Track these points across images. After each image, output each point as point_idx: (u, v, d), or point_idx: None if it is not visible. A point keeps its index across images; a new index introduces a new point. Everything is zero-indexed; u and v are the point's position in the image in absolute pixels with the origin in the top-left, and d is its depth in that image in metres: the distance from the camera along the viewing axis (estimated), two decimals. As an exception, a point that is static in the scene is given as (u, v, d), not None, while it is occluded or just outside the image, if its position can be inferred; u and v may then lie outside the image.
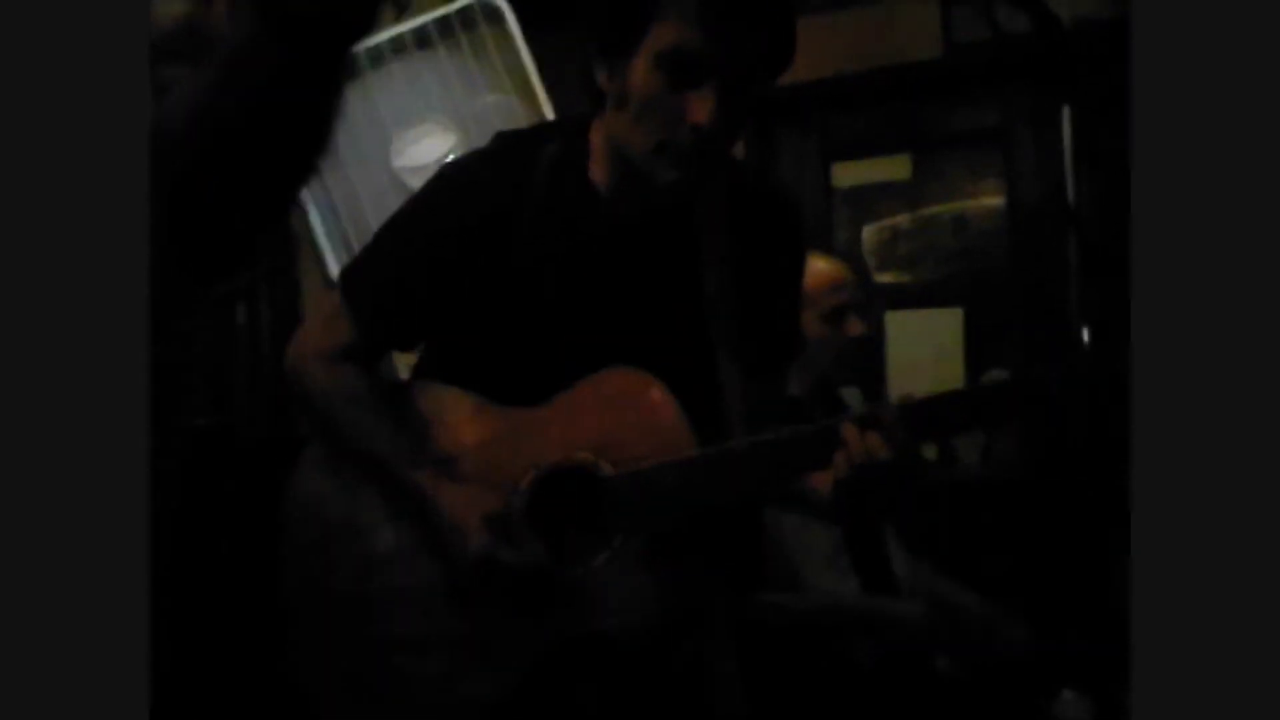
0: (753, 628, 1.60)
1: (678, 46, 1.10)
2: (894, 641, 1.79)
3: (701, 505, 1.18)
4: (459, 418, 1.25)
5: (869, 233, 2.92)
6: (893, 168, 2.88)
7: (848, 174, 2.92)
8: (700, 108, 1.10)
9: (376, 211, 2.00)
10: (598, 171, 1.24)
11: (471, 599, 1.19)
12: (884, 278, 2.90)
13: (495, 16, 2.15)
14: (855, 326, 1.93)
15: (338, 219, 2.09)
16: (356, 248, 1.88)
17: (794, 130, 2.91)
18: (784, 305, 1.35)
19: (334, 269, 2.07)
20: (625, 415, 1.19)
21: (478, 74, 2.14)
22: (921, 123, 2.83)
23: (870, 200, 2.91)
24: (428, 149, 2.10)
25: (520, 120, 2.05)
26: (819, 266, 1.86)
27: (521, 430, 1.22)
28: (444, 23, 2.12)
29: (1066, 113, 2.54)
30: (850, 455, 1.11)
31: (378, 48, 2.10)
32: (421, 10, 2.31)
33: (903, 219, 2.90)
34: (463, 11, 2.13)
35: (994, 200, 2.82)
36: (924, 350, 2.79)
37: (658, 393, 1.19)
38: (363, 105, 2.09)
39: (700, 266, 1.24)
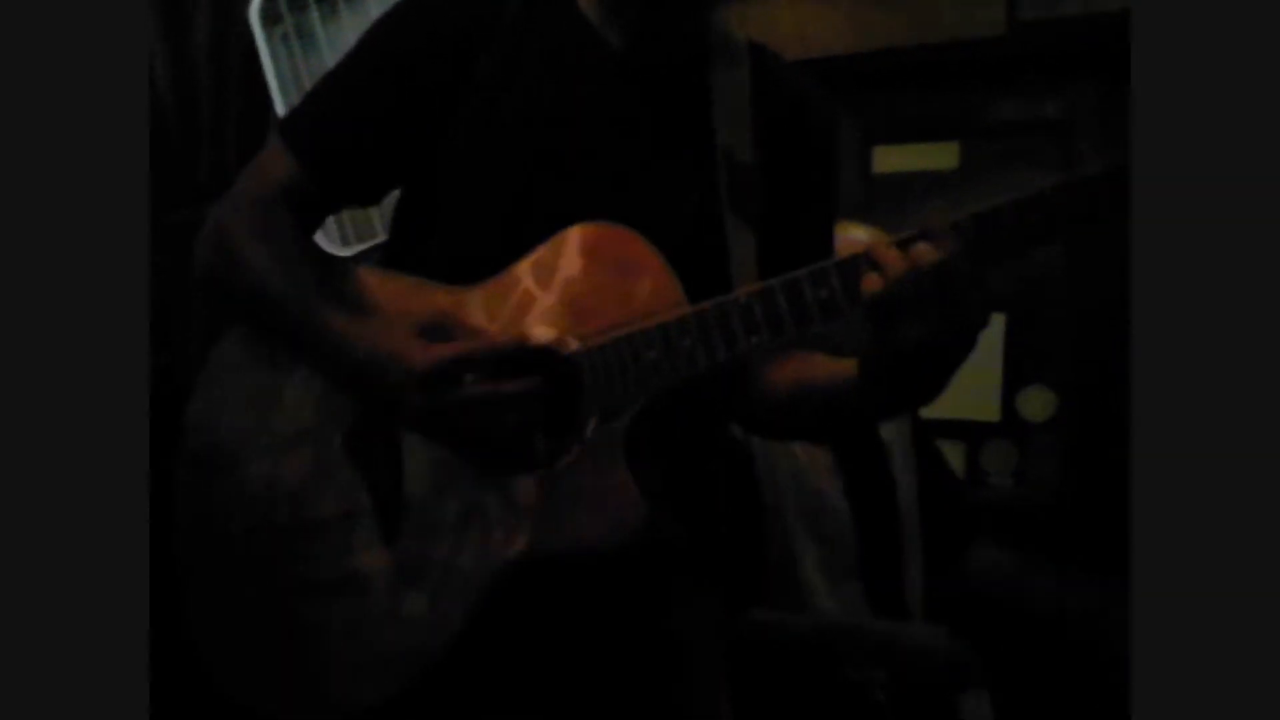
0: (748, 648, 1.41)
1: None
2: (912, 673, 1.56)
3: (691, 372, 0.95)
4: (399, 300, 1.03)
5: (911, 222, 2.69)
6: (939, 155, 2.64)
7: (890, 159, 2.69)
8: None
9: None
10: (587, 2, 1.07)
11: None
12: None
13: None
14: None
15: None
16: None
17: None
18: (811, 200, 1.14)
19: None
20: (599, 280, 0.98)
21: None
22: (975, 108, 2.60)
23: (912, 189, 2.68)
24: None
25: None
26: (857, 235, 1.65)
27: (476, 306, 1.00)
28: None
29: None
30: (887, 273, 0.87)
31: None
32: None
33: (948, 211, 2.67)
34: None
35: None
36: (959, 357, 2.56)
37: (639, 251, 0.98)
38: (357, 25, 1.88)
39: (710, 121, 1.05)
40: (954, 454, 2.57)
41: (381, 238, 1.78)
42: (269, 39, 1.84)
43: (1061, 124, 2.53)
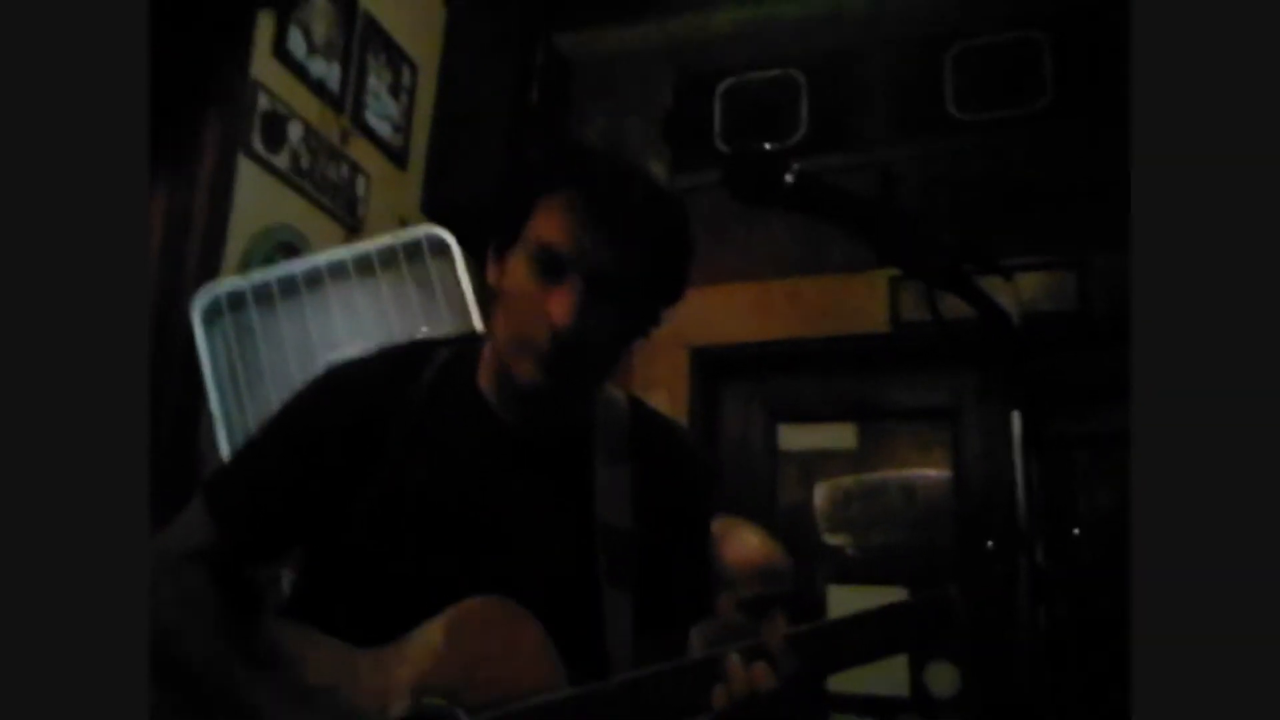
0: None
1: (546, 243, 1.07)
2: None
3: None
4: (311, 657, 1.09)
5: (821, 490, 2.84)
6: (839, 435, 2.83)
7: (795, 437, 2.87)
8: (559, 304, 1.06)
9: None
10: (487, 382, 1.18)
11: None
12: (834, 539, 2.80)
13: (442, 250, 2.14)
14: (777, 628, 1.73)
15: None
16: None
17: (741, 388, 2.88)
18: (686, 560, 1.23)
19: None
20: (486, 650, 1.06)
21: (416, 305, 2.10)
22: (868, 394, 2.81)
23: (817, 464, 2.85)
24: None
25: (451, 354, 1.99)
26: (751, 542, 1.72)
27: (373, 670, 1.07)
28: (388, 252, 2.10)
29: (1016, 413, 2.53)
30: (732, 689, 0.99)
31: (317, 269, 2.06)
32: (371, 235, 2.31)
33: (852, 480, 2.83)
34: (409, 243, 2.11)
35: (942, 472, 2.77)
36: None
37: (523, 624, 1.07)
38: (293, 326, 2.03)
39: (592, 493, 1.15)
40: (864, 728, 2.60)
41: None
42: (209, 335, 1.98)
43: (948, 410, 2.74)
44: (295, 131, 2.45)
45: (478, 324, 2.10)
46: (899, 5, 2.91)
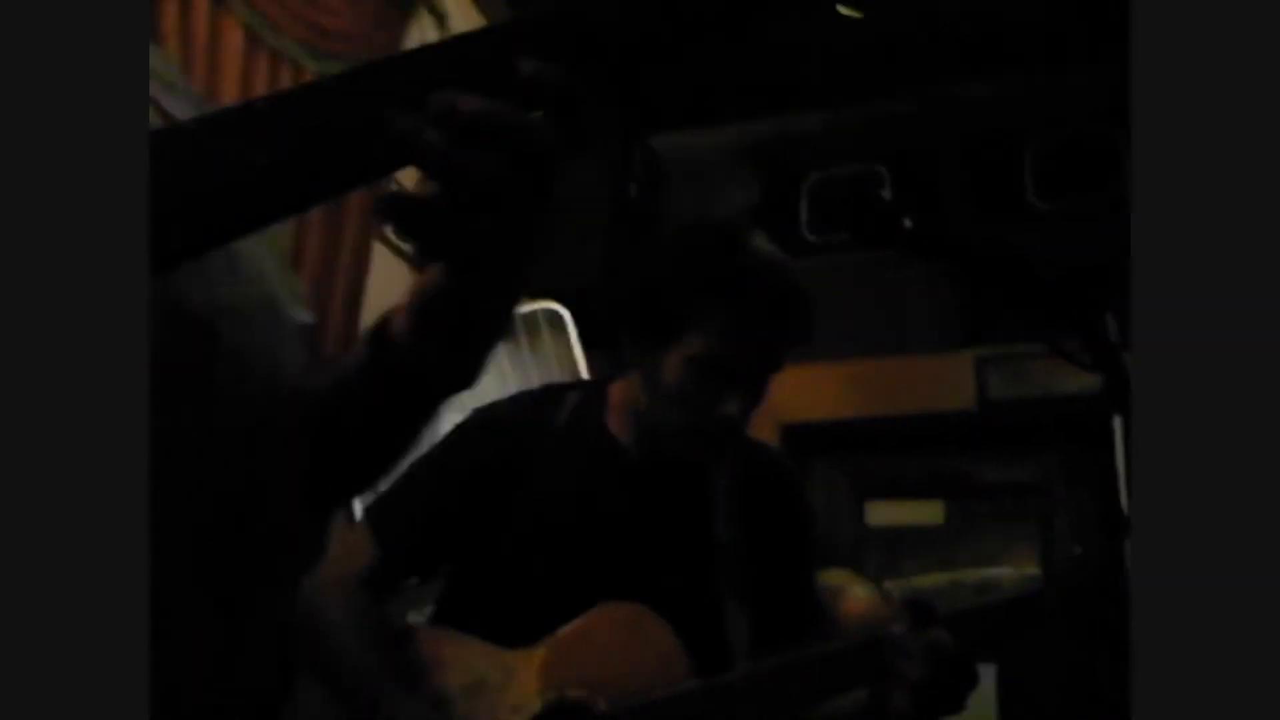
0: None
1: (707, 355, 1.22)
2: None
3: None
4: (455, 659, 1.23)
5: (893, 588, 2.89)
6: (926, 511, 2.90)
7: (882, 513, 2.95)
8: (730, 402, 1.21)
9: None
10: (615, 423, 1.33)
11: None
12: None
13: (557, 323, 2.31)
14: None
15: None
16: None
17: (828, 465, 2.98)
18: (795, 576, 1.36)
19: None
20: (622, 649, 1.18)
21: (532, 371, 2.27)
22: (956, 471, 2.89)
23: (904, 539, 2.91)
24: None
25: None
26: (858, 594, 1.81)
27: (516, 669, 1.20)
28: (508, 324, 2.28)
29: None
30: (914, 663, 1.11)
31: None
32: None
33: (933, 578, 2.87)
34: (527, 316, 2.29)
35: (1028, 569, 2.79)
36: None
37: (653, 625, 1.19)
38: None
39: (710, 516, 1.28)
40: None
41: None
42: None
43: (1035, 487, 2.80)
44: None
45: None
46: (978, 101, 3.08)
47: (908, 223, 1.06)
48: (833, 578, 1.92)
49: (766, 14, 0.56)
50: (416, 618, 1.51)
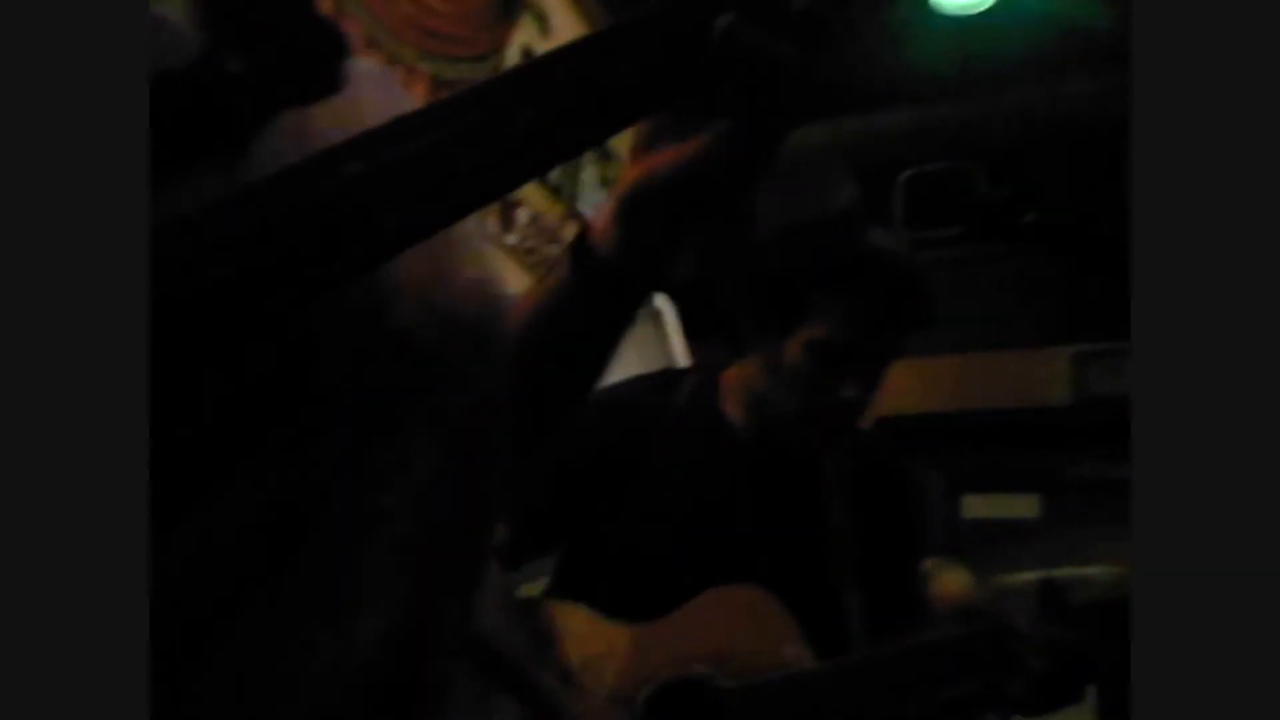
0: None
1: (828, 339, 1.26)
2: None
3: (830, 715, 1.19)
4: (581, 632, 1.29)
5: (992, 580, 2.89)
6: (1021, 506, 2.90)
7: (977, 506, 2.95)
8: (849, 386, 1.26)
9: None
10: (731, 407, 1.38)
11: None
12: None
13: (658, 316, 2.37)
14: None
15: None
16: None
17: (924, 459, 2.98)
18: (905, 565, 1.40)
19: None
20: (742, 629, 1.23)
21: (635, 364, 2.33)
22: (1052, 465, 2.88)
23: (999, 533, 2.91)
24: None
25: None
26: (955, 578, 1.84)
27: (640, 644, 1.25)
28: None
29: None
30: (1040, 656, 1.15)
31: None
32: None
33: (1026, 574, 2.87)
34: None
35: (1121, 567, 2.77)
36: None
37: (773, 607, 1.23)
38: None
39: (823, 506, 1.33)
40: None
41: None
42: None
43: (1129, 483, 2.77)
44: (523, 216, 2.77)
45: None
46: (1075, 96, 3.06)
47: (1030, 217, 1.11)
48: (929, 563, 1.96)
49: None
50: (529, 590, 1.58)
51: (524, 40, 2.81)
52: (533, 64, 0.59)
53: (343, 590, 0.57)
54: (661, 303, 2.40)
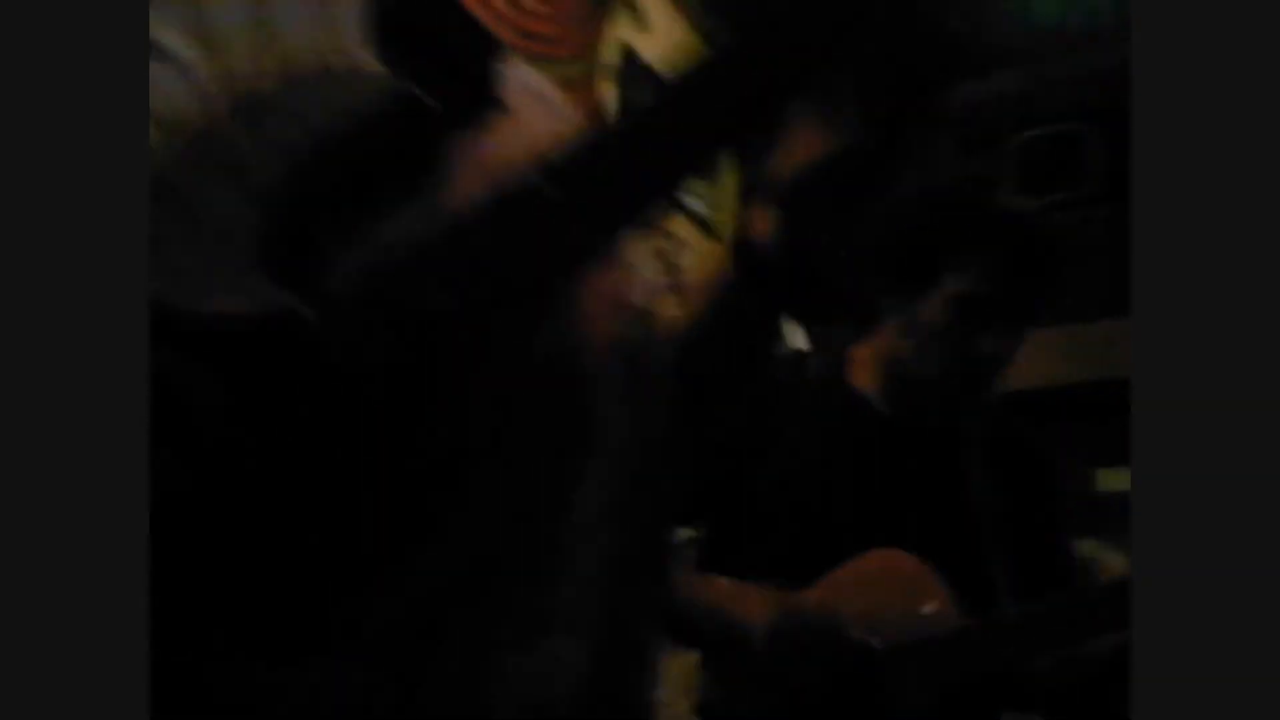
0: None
1: (968, 294, 1.29)
2: None
3: (980, 672, 1.20)
4: (733, 601, 1.31)
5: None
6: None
7: (1111, 480, 2.85)
8: (988, 341, 1.29)
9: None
10: (863, 380, 1.40)
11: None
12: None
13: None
14: None
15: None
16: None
17: (1055, 432, 2.90)
18: (1048, 534, 1.40)
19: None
20: (890, 592, 1.24)
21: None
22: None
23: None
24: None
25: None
26: (1116, 562, 1.81)
27: (788, 608, 1.26)
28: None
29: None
30: None
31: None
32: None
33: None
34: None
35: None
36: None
37: (922, 573, 1.24)
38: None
39: (962, 476, 1.34)
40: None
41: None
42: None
43: None
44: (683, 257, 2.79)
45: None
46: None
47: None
48: (1084, 548, 1.93)
49: None
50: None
51: (621, 37, 2.79)
52: (692, 74, 0.60)
53: (539, 615, 0.58)
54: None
